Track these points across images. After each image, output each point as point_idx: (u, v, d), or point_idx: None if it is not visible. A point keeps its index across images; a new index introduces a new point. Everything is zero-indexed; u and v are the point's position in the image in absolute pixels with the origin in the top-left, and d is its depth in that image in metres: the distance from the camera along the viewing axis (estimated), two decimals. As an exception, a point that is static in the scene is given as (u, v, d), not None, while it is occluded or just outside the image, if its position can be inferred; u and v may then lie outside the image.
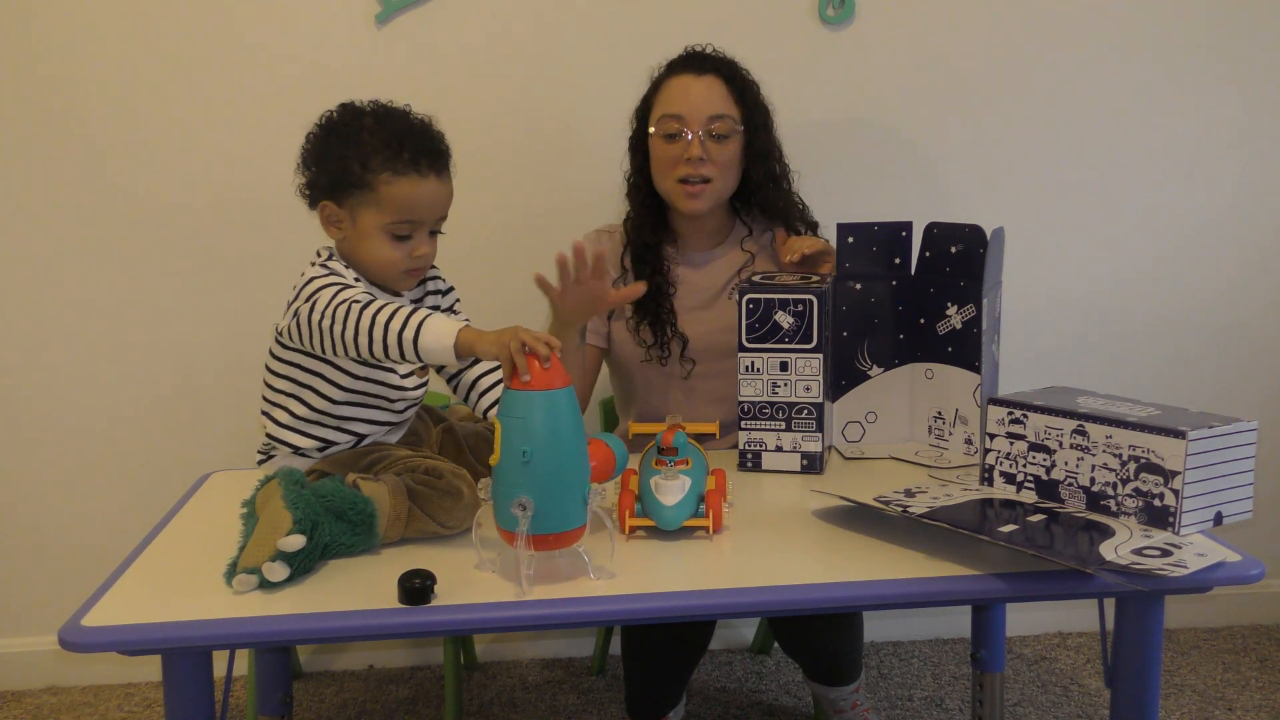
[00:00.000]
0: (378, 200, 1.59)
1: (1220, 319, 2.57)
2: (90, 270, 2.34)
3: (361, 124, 1.60)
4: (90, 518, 2.43)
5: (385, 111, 1.64)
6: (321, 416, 1.63)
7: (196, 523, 1.61)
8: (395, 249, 1.61)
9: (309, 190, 1.65)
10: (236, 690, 2.41)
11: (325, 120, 1.65)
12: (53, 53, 2.26)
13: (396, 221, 1.59)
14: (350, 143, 1.59)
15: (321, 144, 1.63)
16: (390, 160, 1.58)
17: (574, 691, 2.45)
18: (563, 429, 1.32)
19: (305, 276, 1.59)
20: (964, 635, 2.61)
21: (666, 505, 1.47)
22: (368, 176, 1.58)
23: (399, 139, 1.59)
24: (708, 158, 1.94)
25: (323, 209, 1.63)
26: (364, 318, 1.44)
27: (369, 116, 1.62)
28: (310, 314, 1.51)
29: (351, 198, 1.60)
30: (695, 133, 1.93)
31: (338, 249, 1.66)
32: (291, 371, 1.63)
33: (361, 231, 1.61)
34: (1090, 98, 2.45)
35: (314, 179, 1.64)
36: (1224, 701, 2.38)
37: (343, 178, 1.59)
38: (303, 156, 1.65)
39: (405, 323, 1.42)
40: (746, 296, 1.72)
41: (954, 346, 1.82)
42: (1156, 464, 1.43)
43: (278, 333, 1.63)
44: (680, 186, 1.96)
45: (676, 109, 1.95)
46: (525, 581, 1.31)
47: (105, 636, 1.25)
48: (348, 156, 1.58)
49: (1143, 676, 1.47)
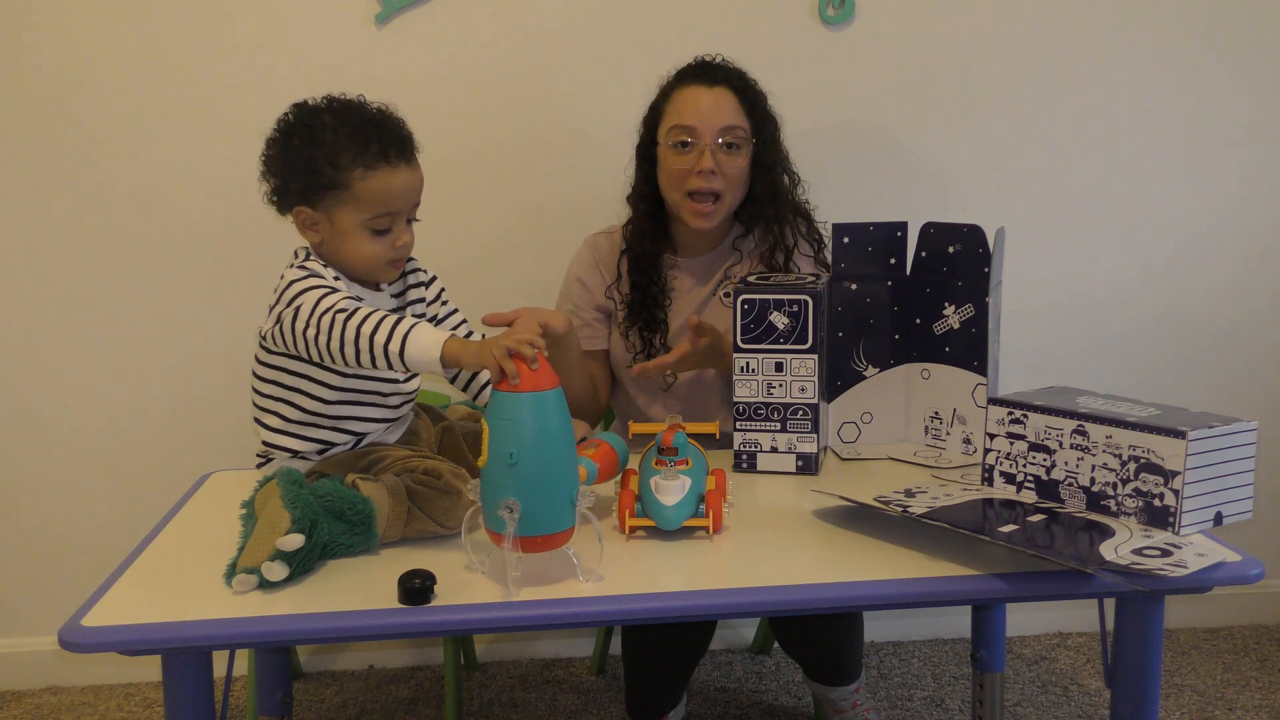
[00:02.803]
0: (353, 198, 1.56)
1: (1220, 319, 2.57)
2: (90, 270, 2.34)
3: (321, 122, 1.57)
4: (90, 518, 2.43)
5: (342, 106, 1.60)
6: (315, 418, 1.61)
7: (196, 523, 1.61)
8: (377, 243, 1.59)
9: (277, 197, 1.62)
10: (236, 690, 2.41)
11: (282, 124, 1.61)
12: (52, 54, 2.26)
13: (375, 216, 1.57)
14: (315, 143, 1.56)
15: (284, 148, 1.59)
16: (359, 155, 1.55)
17: (574, 691, 2.45)
18: (551, 430, 1.31)
19: (285, 280, 1.56)
20: (964, 635, 2.61)
21: (666, 505, 1.47)
22: (339, 175, 1.55)
23: (363, 132, 1.56)
24: (719, 170, 1.92)
25: (297, 214, 1.60)
26: (348, 329, 1.44)
27: (326, 114, 1.58)
28: (294, 322, 1.50)
29: (325, 199, 1.57)
30: (707, 144, 1.92)
31: (317, 250, 1.63)
32: (278, 376, 1.61)
33: (340, 231, 1.58)
34: (1090, 97, 2.46)
35: (282, 185, 1.60)
36: (1224, 701, 2.38)
37: (313, 180, 1.56)
38: (265, 163, 1.62)
39: (390, 334, 1.42)
40: (741, 297, 1.72)
41: (951, 346, 1.82)
42: (1156, 464, 1.43)
43: (261, 337, 1.61)
44: (689, 202, 1.95)
45: (688, 120, 1.93)
46: (513, 584, 1.31)
47: (105, 636, 1.25)
48: (315, 158, 1.55)
49: (1143, 676, 1.47)
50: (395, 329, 1.42)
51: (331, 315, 1.46)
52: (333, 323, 1.45)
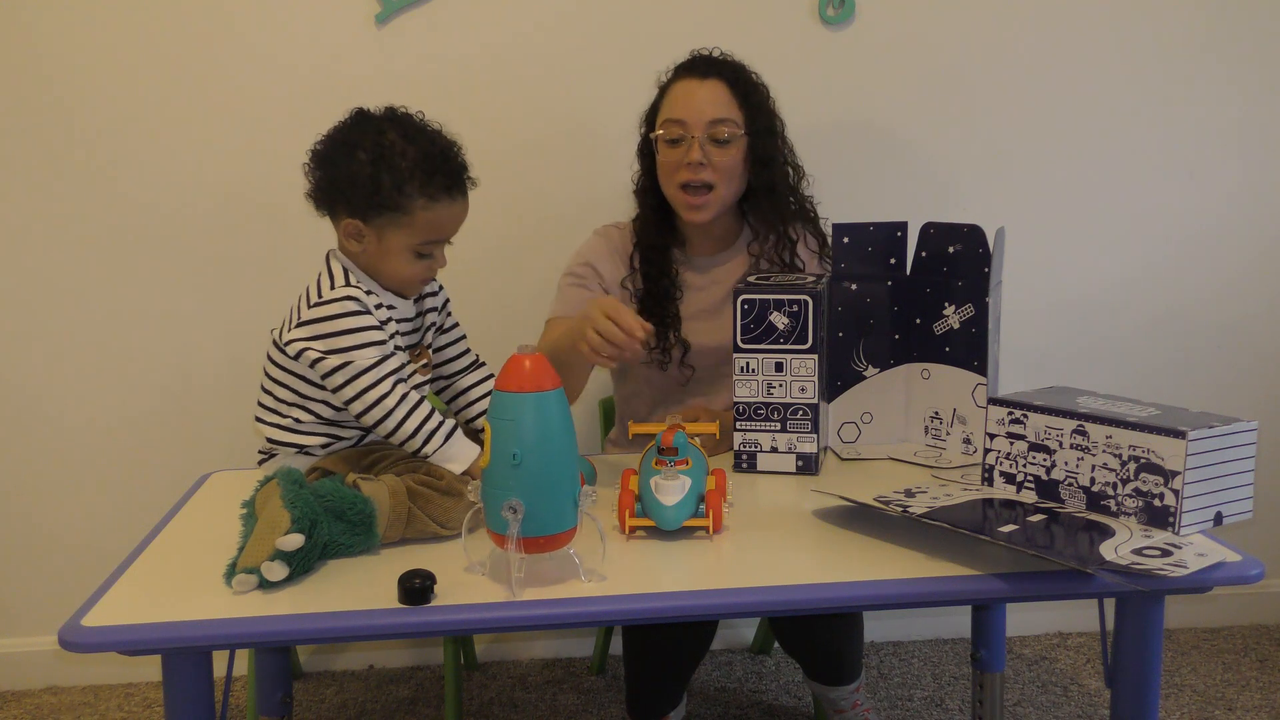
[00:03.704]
0: (410, 223, 1.59)
1: (1220, 319, 2.57)
2: (90, 270, 2.34)
3: (389, 141, 1.58)
4: (90, 518, 2.43)
5: (408, 125, 1.62)
6: (330, 424, 1.65)
7: (196, 523, 1.61)
8: (417, 265, 1.64)
9: (325, 200, 1.63)
10: (236, 690, 2.41)
11: (346, 132, 1.61)
12: (52, 55, 2.25)
13: (424, 242, 1.62)
14: (382, 164, 1.57)
15: (347, 158, 1.59)
16: (425, 185, 1.58)
17: (574, 691, 2.45)
18: (552, 431, 1.31)
19: (331, 309, 1.57)
20: (964, 635, 2.61)
21: (666, 505, 1.47)
22: (402, 200, 1.58)
23: (431, 162, 1.59)
24: (708, 162, 1.92)
25: (346, 225, 1.61)
26: (390, 421, 1.56)
27: (392, 131, 1.59)
28: (342, 380, 1.56)
29: (380, 218, 1.59)
30: (696, 137, 1.92)
31: (351, 257, 1.64)
32: (297, 384, 1.64)
33: (387, 250, 1.61)
34: (1090, 97, 2.45)
35: (335, 192, 1.61)
36: (1224, 701, 2.38)
37: (374, 199, 1.58)
38: (319, 164, 1.62)
39: (428, 440, 1.56)
40: (741, 297, 1.72)
41: (951, 346, 1.82)
42: (1157, 464, 1.43)
43: (282, 343, 1.62)
44: (683, 195, 1.95)
45: (679, 114, 1.94)
46: (515, 584, 1.31)
47: (105, 636, 1.25)
48: (381, 179, 1.57)
49: (1143, 676, 1.47)
50: (434, 436, 1.57)
51: (380, 399, 1.56)
52: (381, 406, 1.56)
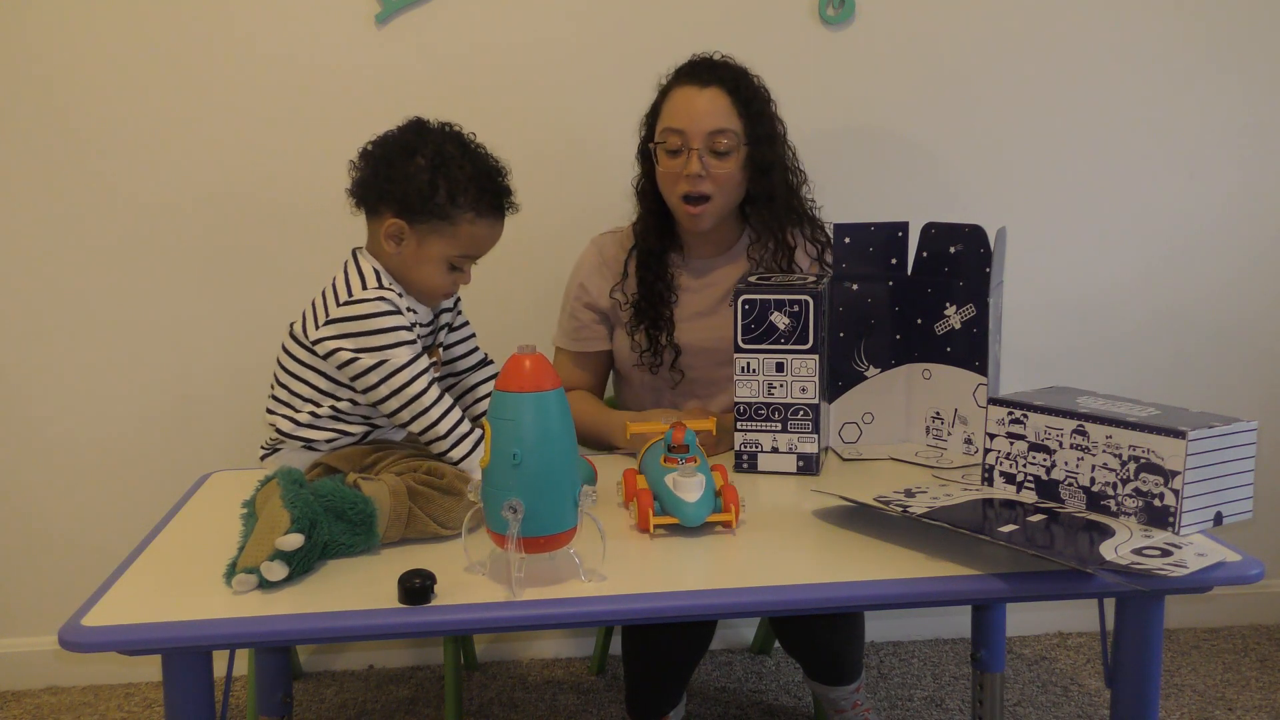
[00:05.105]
0: (454, 234, 1.63)
1: (1220, 319, 2.57)
2: (90, 271, 2.34)
3: (449, 152, 1.62)
4: (90, 518, 2.43)
5: (464, 141, 1.67)
6: (340, 420, 1.66)
7: (196, 523, 1.61)
8: (447, 277, 1.67)
9: (373, 197, 1.65)
10: (236, 690, 2.41)
11: (405, 136, 1.64)
12: (50, 53, 2.25)
13: (461, 255, 1.65)
14: (440, 172, 1.61)
15: (405, 160, 1.62)
16: (476, 200, 1.63)
17: (574, 691, 2.45)
18: (552, 430, 1.31)
19: (364, 309, 1.58)
20: (964, 635, 2.61)
21: (689, 502, 1.47)
22: (452, 210, 1.62)
23: (486, 179, 1.64)
24: (707, 174, 1.91)
25: (389, 225, 1.63)
26: (425, 419, 1.59)
27: (451, 145, 1.64)
28: (377, 379, 1.58)
29: (426, 224, 1.62)
30: (695, 148, 1.91)
31: (382, 257, 1.66)
32: (315, 379, 1.65)
33: (424, 257, 1.64)
34: (1090, 97, 2.45)
35: (385, 191, 1.63)
36: (1224, 701, 2.38)
37: (425, 205, 1.61)
38: (371, 163, 1.65)
39: (457, 444, 1.60)
40: (742, 297, 1.72)
41: (953, 347, 1.82)
42: (1156, 464, 1.43)
43: (309, 341, 1.63)
44: (683, 205, 1.94)
45: (678, 123, 1.92)
46: (515, 584, 1.31)
47: (105, 636, 1.25)
48: (437, 185, 1.61)
49: (1143, 676, 1.47)
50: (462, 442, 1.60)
51: (414, 402, 1.59)
52: (414, 406, 1.59)
